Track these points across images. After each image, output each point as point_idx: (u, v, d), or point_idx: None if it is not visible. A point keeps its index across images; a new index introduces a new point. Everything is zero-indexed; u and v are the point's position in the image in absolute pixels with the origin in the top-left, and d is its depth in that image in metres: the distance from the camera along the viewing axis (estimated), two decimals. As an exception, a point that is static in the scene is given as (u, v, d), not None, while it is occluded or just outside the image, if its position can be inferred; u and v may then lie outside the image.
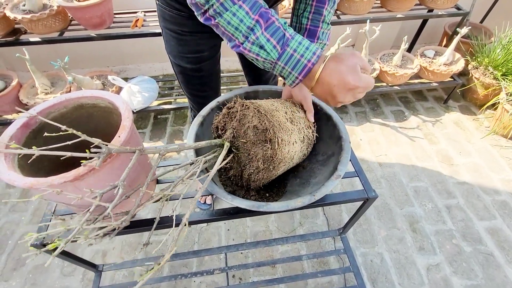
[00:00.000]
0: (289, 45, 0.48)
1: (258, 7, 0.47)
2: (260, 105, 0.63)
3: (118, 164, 0.54)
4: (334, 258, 1.23)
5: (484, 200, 1.41)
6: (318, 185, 0.65)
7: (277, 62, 0.49)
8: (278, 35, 0.47)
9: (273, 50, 0.48)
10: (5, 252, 1.24)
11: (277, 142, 0.58)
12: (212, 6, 0.46)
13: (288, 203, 0.57)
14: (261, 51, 0.48)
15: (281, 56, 0.48)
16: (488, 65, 1.73)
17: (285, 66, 0.49)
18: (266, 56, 0.48)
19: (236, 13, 0.46)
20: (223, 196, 0.57)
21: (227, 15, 0.46)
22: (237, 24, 0.46)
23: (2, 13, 1.34)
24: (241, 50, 0.49)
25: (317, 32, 0.65)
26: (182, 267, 1.20)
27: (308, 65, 0.48)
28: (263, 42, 0.47)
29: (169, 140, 1.73)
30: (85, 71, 1.74)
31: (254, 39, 0.47)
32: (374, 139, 1.72)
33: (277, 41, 0.47)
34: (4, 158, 0.50)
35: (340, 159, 0.64)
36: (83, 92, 0.63)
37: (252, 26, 0.47)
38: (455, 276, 1.17)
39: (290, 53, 0.48)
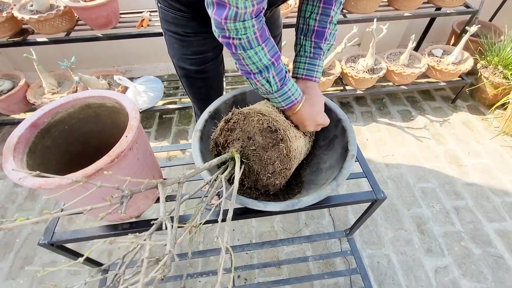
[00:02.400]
0: (286, 84, 0.60)
1: (275, 51, 0.57)
2: (260, 109, 0.63)
3: (125, 164, 0.54)
4: (340, 260, 1.22)
5: (493, 201, 1.39)
6: (332, 169, 0.66)
7: (273, 93, 0.61)
8: (281, 75, 0.59)
9: (275, 85, 0.59)
10: (13, 250, 1.25)
11: (288, 140, 0.59)
12: (239, 40, 0.52)
13: (319, 194, 0.57)
14: (267, 84, 0.59)
15: (279, 90, 0.60)
16: (498, 64, 1.70)
17: (278, 97, 0.61)
18: (269, 88, 0.59)
19: (258, 53, 0.54)
20: (255, 205, 0.57)
21: (250, 52, 0.54)
22: (256, 61, 0.55)
23: (10, 13, 1.35)
24: (250, 78, 0.59)
25: (324, 33, 0.67)
26: (187, 267, 1.20)
27: (294, 102, 0.63)
28: (271, 79, 0.58)
29: (174, 139, 1.73)
30: (91, 71, 1.75)
31: (266, 76, 0.57)
32: (381, 139, 1.70)
33: (279, 80, 0.59)
34: (13, 158, 0.50)
35: (348, 139, 0.66)
36: (90, 92, 0.63)
37: (268, 66, 0.56)
38: (464, 278, 1.15)
39: (285, 90, 0.61)
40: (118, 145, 0.51)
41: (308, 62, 0.69)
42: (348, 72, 1.70)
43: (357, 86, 1.76)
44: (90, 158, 0.68)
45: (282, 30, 0.99)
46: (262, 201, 0.58)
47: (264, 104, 0.70)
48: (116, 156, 0.50)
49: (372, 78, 1.67)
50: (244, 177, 0.67)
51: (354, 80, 1.71)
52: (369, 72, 1.70)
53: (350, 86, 1.80)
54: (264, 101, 0.74)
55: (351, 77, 1.71)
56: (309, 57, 0.69)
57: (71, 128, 0.65)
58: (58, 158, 0.64)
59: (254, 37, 0.52)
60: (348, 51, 1.92)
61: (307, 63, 0.69)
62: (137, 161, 0.58)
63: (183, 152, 1.63)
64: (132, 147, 0.54)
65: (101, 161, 0.49)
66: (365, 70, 1.69)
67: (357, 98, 1.96)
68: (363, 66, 1.69)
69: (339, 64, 1.75)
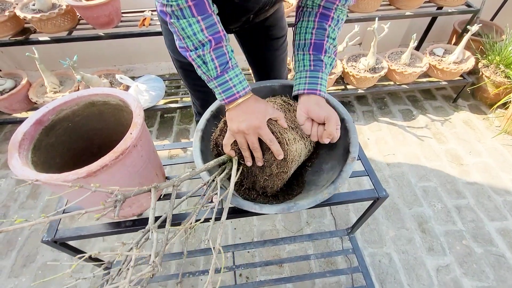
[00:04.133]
0: (227, 72, 0.55)
1: (215, 30, 0.53)
2: None
3: (129, 162, 0.54)
4: (342, 258, 1.22)
5: (495, 200, 1.39)
6: (333, 170, 0.64)
7: (213, 80, 0.56)
8: (222, 60, 0.54)
9: (213, 69, 0.54)
10: (15, 248, 1.25)
11: (286, 143, 0.58)
12: (170, 7, 0.49)
13: (316, 198, 0.56)
14: (203, 65, 0.54)
15: (218, 77, 0.55)
16: (499, 63, 1.70)
17: (218, 86, 0.56)
18: (206, 71, 0.55)
19: (192, 25, 0.51)
20: (251, 207, 0.56)
21: (183, 22, 0.50)
22: (190, 34, 0.51)
23: (12, 12, 1.36)
24: (186, 56, 0.55)
25: (323, 45, 0.61)
26: (189, 265, 1.20)
27: (236, 95, 0.57)
28: (207, 59, 0.53)
29: (175, 138, 1.73)
30: (93, 70, 1.75)
31: (201, 54, 0.53)
32: (382, 139, 1.70)
33: (219, 64, 0.54)
34: (18, 155, 0.50)
35: (350, 140, 0.63)
36: (94, 89, 0.64)
37: (204, 43, 0.52)
38: (466, 277, 1.15)
39: (226, 79, 0.55)
40: (123, 142, 0.51)
41: (309, 76, 0.62)
42: (349, 71, 1.70)
43: (359, 85, 1.76)
44: (93, 155, 0.69)
45: (287, 32, 0.95)
46: (258, 204, 0.57)
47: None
48: (121, 152, 0.50)
49: (374, 77, 1.67)
50: (243, 177, 0.67)
51: (356, 79, 1.71)
52: (371, 71, 1.70)
53: (351, 85, 1.80)
54: (266, 99, 0.73)
55: (352, 76, 1.71)
56: (309, 71, 0.62)
57: (75, 125, 0.66)
58: (62, 155, 0.65)
59: (187, 5, 0.49)
60: (350, 50, 1.92)
61: (308, 77, 0.62)
62: (141, 158, 0.58)
63: (184, 151, 1.63)
64: (136, 144, 0.54)
65: (106, 157, 0.49)
66: (366, 69, 1.69)
67: (359, 97, 1.96)
68: (364, 65, 1.69)
69: (341, 63, 1.75)
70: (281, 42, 0.94)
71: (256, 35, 0.88)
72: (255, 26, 0.83)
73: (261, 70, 1.01)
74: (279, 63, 0.98)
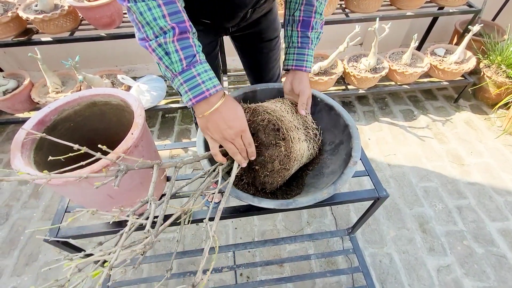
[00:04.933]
0: (195, 66, 0.49)
1: (180, 18, 0.47)
2: (267, 107, 0.63)
3: (131, 161, 0.55)
4: (342, 258, 1.22)
5: (496, 201, 1.38)
6: (333, 174, 0.65)
7: (177, 75, 0.49)
8: (189, 52, 0.48)
9: (178, 62, 0.47)
10: (18, 248, 1.26)
11: (290, 140, 0.59)
12: None
13: (315, 196, 0.57)
14: (166, 57, 0.47)
15: (184, 72, 0.48)
16: (501, 64, 1.70)
17: (183, 83, 0.49)
18: (169, 64, 0.48)
19: (152, 9, 0.45)
20: (249, 199, 0.57)
21: (141, 5, 0.45)
22: (150, 20, 0.45)
23: (15, 13, 1.37)
24: (146, 47, 0.48)
25: (310, 22, 0.68)
26: (190, 264, 1.20)
27: (206, 93, 0.50)
28: (170, 50, 0.47)
29: (176, 138, 1.74)
30: (95, 71, 1.76)
31: (162, 42, 0.46)
32: (383, 139, 1.70)
33: (185, 57, 0.48)
34: (20, 155, 0.51)
35: (353, 145, 0.65)
36: (96, 90, 0.64)
37: (166, 30, 0.46)
38: (467, 278, 1.15)
39: (193, 74, 0.49)
40: (124, 142, 0.52)
41: (297, 53, 0.70)
42: (350, 72, 1.70)
43: (359, 85, 1.76)
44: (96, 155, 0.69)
45: (280, 33, 0.97)
46: (257, 197, 0.57)
47: (273, 102, 0.70)
48: (122, 152, 0.50)
49: (374, 78, 1.67)
50: (243, 172, 0.68)
51: (356, 79, 1.71)
52: (371, 71, 1.70)
53: (352, 85, 1.80)
54: (275, 99, 0.74)
55: (353, 77, 1.71)
56: (297, 47, 0.70)
57: (76, 125, 0.66)
58: (64, 155, 0.65)
59: None
60: (350, 50, 1.92)
61: (296, 54, 0.70)
62: (142, 158, 0.58)
63: (185, 150, 1.64)
64: (138, 144, 0.55)
65: (108, 157, 0.49)
66: (367, 69, 1.69)
67: (359, 97, 1.96)
68: (365, 65, 1.69)
69: (341, 63, 1.75)
70: (274, 43, 0.95)
71: (251, 38, 0.90)
72: (250, 27, 0.84)
73: (256, 71, 1.03)
74: (272, 62, 1.00)
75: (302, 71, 0.70)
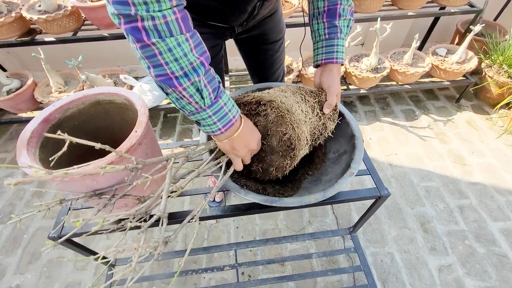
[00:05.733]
0: (221, 97, 0.48)
1: (203, 50, 0.45)
2: (291, 111, 0.60)
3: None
4: (344, 257, 1.22)
5: (498, 200, 1.38)
6: (330, 183, 0.65)
7: (206, 109, 0.47)
8: (214, 85, 0.47)
9: (207, 97, 0.46)
10: (21, 246, 1.27)
11: (296, 158, 0.60)
12: (152, 20, 0.37)
13: (302, 199, 0.57)
14: (197, 94, 0.44)
15: (213, 105, 0.47)
16: (503, 63, 1.70)
17: (212, 115, 0.48)
18: (199, 100, 0.45)
19: (181, 44, 0.40)
20: (237, 191, 0.58)
21: (170, 42, 0.39)
22: (180, 56, 0.41)
23: (19, 13, 1.38)
24: (171, 85, 0.43)
25: (336, 10, 0.61)
26: (192, 263, 1.21)
27: (233, 121, 0.50)
28: (201, 86, 0.44)
29: (178, 138, 1.74)
30: (97, 70, 1.77)
31: (195, 80, 0.43)
32: (384, 139, 1.70)
33: (213, 90, 0.46)
34: (26, 152, 0.52)
35: (354, 157, 0.64)
36: (100, 88, 0.65)
37: (196, 66, 0.43)
38: (468, 277, 1.15)
39: (221, 105, 0.48)
40: (128, 140, 0.53)
41: (325, 45, 0.63)
42: (351, 71, 1.70)
43: (361, 85, 1.76)
44: (98, 153, 0.70)
45: (285, 34, 0.96)
46: (244, 189, 0.59)
47: (297, 102, 0.65)
48: (126, 150, 0.51)
49: (376, 78, 1.68)
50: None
51: (358, 79, 1.72)
52: (373, 71, 1.70)
53: (353, 85, 1.80)
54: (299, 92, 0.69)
55: (354, 76, 1.71)
56: (325, 40, 0.63)
57: (81, 124, 0.67)
58: (68, 153, 0.66)
59: (174, 18, 0.39)
60: (352, 50, 1.92)
61: (324, 46, 0.63)
62: (146, 156, 0.59)
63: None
64: (141, 142, 0.55)
65: (112, 155, 0.50)
66: (368, 69, 1.69)
67: (361, 97, 1.96)
68: (366, 65, 1.69)
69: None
70: (279, 44, 0.94)
71: (255, 40, 0.89)
72: (255, 28, 0.84)
73: (260, 73, 1.03)
74: (277, 64, 1.00)
75: (332, 63, 0.64)
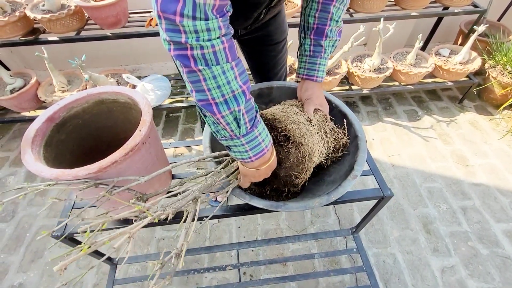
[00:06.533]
0: (257, 127, 0.47)
1: (246, 78, 0.44)
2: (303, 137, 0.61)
3: (138, 158, 0.55)
4: (346, 258, 1.22)
5: (501, 201, 1.37)
6: (334, 184, 0.64)
7: (240, 138, 0.46)
8: (251, 114, 0.46)
9: (243, 126, 0.45)
10: (24, 244, 1.28)
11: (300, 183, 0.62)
12: (201, 49, 0.38)
13: (306, 204, 0.57)
14: (233, 123, 0.44)
15: (248, 134, 0.46)
16: (507, 64, 1.69)
17: (245, 144, 0.47)
18: (235, 129, 0.45)
19: (226, 72, 0.41)
20: (242, 196, 0.58)
21: (216, 70, 0.40)
22: (223, 83, 0.41)
23: (23, 13, 1.39)
24: (210, 110, 0.43)
25: (324, 30, 0.64)
26: (193, 262, 1.21)
27: (265, 151, 0.50)
28: (239, 115, 0.44)
29: (180, 137, 1.75)
30: (100, 70, 1.77)
31: (234, 110, 0.43)
32: (387, 139, 1.69)
33: (249, 120, 0.46)
34: (31, 150, 0.52)
35: (357, 158, 0.64)
36: (104, 87, 0.65)
37: (237, 95, 0.43)
38: (471, 279, 1.14)
39: (255, 134, 0.47)
40: (132, 139, 0.53)
41: (308, 62, 0.67)
42: (354, 72, 1.70)
43: (363, 85, 1.76)
44: (102, 152, 0.70)
45: (287, 34, 0.97)
46: (249, 195, 0.59)
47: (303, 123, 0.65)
48: (131, 149, 0.51)
49: (378, 78, 1.67)
50: None
51: (360, 79, 1.71)
52: (375, 71, 1.70)
53: (356, 85, 1.80)
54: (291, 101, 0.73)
55: (357, 77, 1.71)
56: (309, 56, 0.67)
57: (84, 123, 0.67)
58: (72, 152, 0.66)
59: (222, 47, 0.39)
60: (355, 50, 1.92)
61: (307, 62, 0.67)
62: (150, 155, 0.59)
63: (189, 149, 1.65)
64: (145, 141, 0.55)
65: (116, 154, 0.50)
66: (371, 69, 1.69)
67: (363, 97, 1.96)
68: (369, 65, 1.68)
69: (345, 63, 1.75)
70: (282, 45, 0.94)
71: (259, 41, 0.89)
72: (259, 30, 0.84)
73: (263, 74, 1.03)
74: (280, 65, 1.00)
75: (312, 80, 0.68)
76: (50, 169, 0.50)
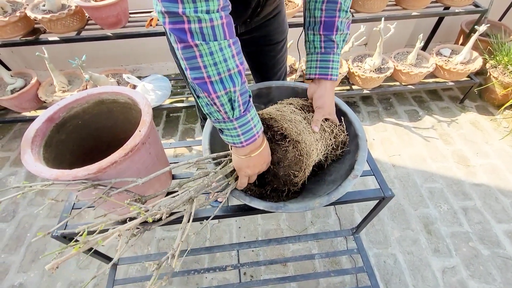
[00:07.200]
0: (250, 111, 0.47)
1: (242, 59, 0.43)
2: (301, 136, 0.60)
3: (138, 158, 0.55)
4: (346, 258, 1.22)
5: (502, 202, 1.37)
6: (334, 184, 0.64)
7: (233, 121, 0.45)
8: (245, 98, 0.45)
9: (237, 108, 0.44)
10: (24, 244, 1.28)
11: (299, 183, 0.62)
12: (199, 22, 0.37)
13: (306, 205, 0.56)
14: (228, 104, 0.43)
15: (241, 117, 0.45)
16: (508, 64, 1.68)
17: (238, 128, 0.47)
18: (229, 111, 0.44)
19: (223, 49, 0.40)
20: (242, 198, 0.58)
21: (213, 45, 0.39)
22: (220, 61, 0.40)
23: (23, 13, 1.39)
24: (206, 88, 0.42)
25: (334, 23, 0.58)
26: (193, 263, 1.21)
27: (256, 136, 0.49)
28: (235, 97, 0.43)
29: (181, 137, 1.74)
30: (101, 70, 1.77)
31: (230, 90, 0.42)
32: (387, 139, 1.69)
33: (243, 103, 0.45)
34: (30, 151, 0.52)
35: (357, 158, 0.63)
36: (104, 88, 0.65)
37: (233, 74, 0.41)
38: (472, 279, 1.14)
39: (248, 119, 0.47)
40: (132, 139, 0.52)
41: (321, 59, 0.61)
42: (355, 72, 1.70)
43: (364, 85, 1.75)
44: (102, 152, 0.70)
45: (287, 34, 0.95)
46: (249, 196, 0.58)
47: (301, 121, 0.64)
48: (130, 149, 0.51)
49: (379, 78, 1.67)
50: None
51: (361, 79, 1.71)
52: (376, 71, 1.69)
53: (356, 85, 1.79)
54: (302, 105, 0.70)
55: (358, 77, 1.71)
56: (320, 53, 0.61)
57: (84, 123, 0.67)
58: (72, 152, 0.66)
59: (220, 22, 0.38)
60: (355, 50, 1.91)
61: (319, 60, 0.61)
62: (149, 155, 0.59)
63: (189, 149, 1.64)
64: (145, 142, 0.55)
65: (116, 154, 0.50)
66: (372, 69, 1.68)
67: (364, 97, 1.96)
68: (370, 65, 1.68)
69: (346, 63, 1.75)
70: (281, 45, 0.94)
71: (258, 42, 0.89)
72: (258, 29, 0.84)
73: (262, 74, 1.02)
74: (279, 65, 1.00)
75: (326, 79, 0.62)
76: (49, 169, 0.50)
